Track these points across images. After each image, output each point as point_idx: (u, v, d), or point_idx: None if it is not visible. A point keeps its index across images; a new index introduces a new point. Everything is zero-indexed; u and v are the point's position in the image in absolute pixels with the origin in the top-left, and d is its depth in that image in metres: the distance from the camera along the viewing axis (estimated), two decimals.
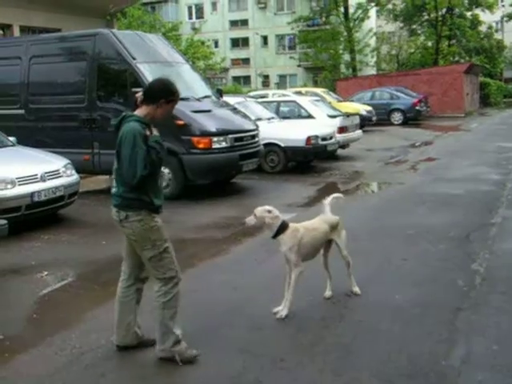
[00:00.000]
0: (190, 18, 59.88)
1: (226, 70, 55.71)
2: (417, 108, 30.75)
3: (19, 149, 10.41)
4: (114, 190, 4.65)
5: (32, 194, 8.96)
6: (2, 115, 12.59)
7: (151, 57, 12.26)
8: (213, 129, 11.33)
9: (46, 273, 7.12)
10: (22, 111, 12.78)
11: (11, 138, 10.62)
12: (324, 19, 48.68)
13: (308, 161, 15.41)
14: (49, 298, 6.43)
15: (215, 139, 11.22)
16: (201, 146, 11.07)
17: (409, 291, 6.01)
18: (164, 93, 4.61)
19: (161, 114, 4.62)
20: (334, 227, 5.96)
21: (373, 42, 49.15)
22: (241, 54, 59.55)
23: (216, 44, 57.74)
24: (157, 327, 4.66)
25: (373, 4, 47.40)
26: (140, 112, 4.57)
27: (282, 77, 56.64)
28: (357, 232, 8.59)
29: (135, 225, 4.55)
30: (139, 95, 4.66)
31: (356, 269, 6.73)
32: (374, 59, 50.52)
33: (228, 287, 6.32)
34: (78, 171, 10.54)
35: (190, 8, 60.15)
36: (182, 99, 11.50)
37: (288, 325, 5.27)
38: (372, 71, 50.23)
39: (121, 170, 4.49)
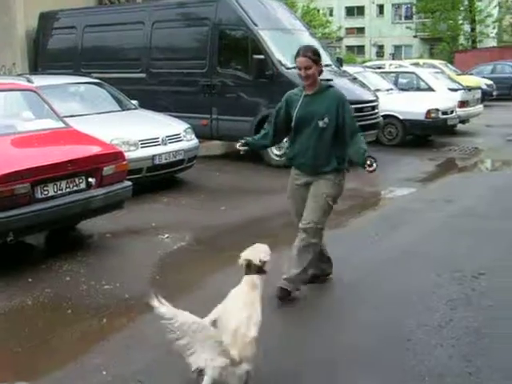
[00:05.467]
0: None
1: (340, 39, 54.93)
2: None
3: (141, 112, 10.61)
4: None
5: (153, 157, 9.14)
6: (125, 79, 12.88)
7: (272, 23, 12.16)
8: None
9: (166, 235, 7.23)
10: (143, 75, 13.04)
11: (133, 101, 10.85)
12: None
13: (427, 135, 14.93)
14: (169, 260, 6.54)
15: None
16: None
17: None
18: None
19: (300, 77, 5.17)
20: None
21: (495, 12, 46.89)
22: (355, 22, 58.43)
23: (331, 12, 56.94)
24: None
25: None
26: None
27: (397, 47, 55.19)
28: (480, 211, 8.29)
29: None
30: None
31: (481, 249, 6.50)
32: (496, 30, 48.23)
33: (347, 260, 6.16)
34: (195, 136, 10.67)
35: None
36: None
37: (414, 304, 5.09)
38: (493, 43, 48.01)
39: None
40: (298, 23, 13.42)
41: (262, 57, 11.10)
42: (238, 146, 5.41)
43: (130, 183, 7.08)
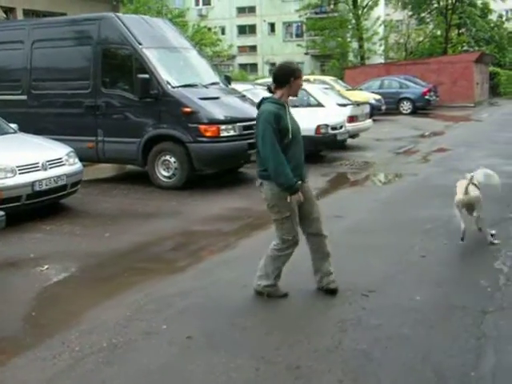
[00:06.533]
0: (197, 4, 59.28)
1: (232, 57, 55.25)
2: (426, 97, 30.29)
3: (20, 136, 10.07)
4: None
5: (33, 183, 8.62)
6: (4, 101, 12.25)
7: (157, 42, 11.87)
8: (221, 116, 10.94)
9: (46, 267, 6.77)
10: (24, 97, 12.41)
11: (12, 125, 10.29)
12: (332, 6, 48.14)
13: (317, 150, 15.01)
14: (48, 294, 6.09)
15: (223, 127, 10.84)
16: (208, 134, 10.69)
17: (430, 292, 5.63)
18: (290, 73, 5.35)
19: (294, 90, 5.40)
20: None
21: (381, 30, 48.55)
22: (248, 41, 58.95)
23: (223, 31, 57.21)
24: (260, 268, 5.59)
25: None
26: (276, 94, 5.34)
27: None
28: (370, 226, 8.29)
29: (266, 191, 5.35)
30: (271, 84, 5.45)
31: (371, 266, 6.45)
32: (382, 48, 49.92)
33: (237, 285, 5.94)
34: (81, 159, 10.22)
35: None
36: (190, 86, 11.39)
37: (303, 328, 4.91)
38: (380, 60, 49.64)
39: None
40: (185, 42, 13.18)
41: (146, 76, 10.78)
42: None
43: (2, 213, 6.57)
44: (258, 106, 5.43)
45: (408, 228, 8.07)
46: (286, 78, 5.32)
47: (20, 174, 8.57)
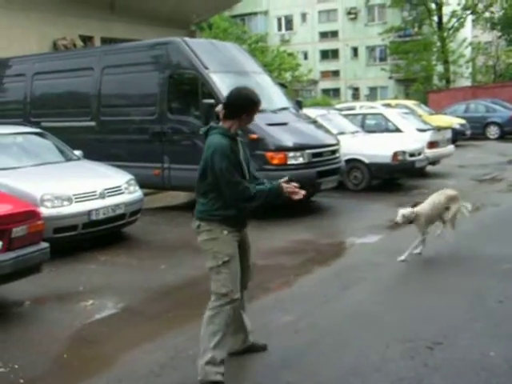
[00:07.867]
0: (280, 29, 59.42)
1: (315, 82, 54.86)
2: None
3: (83, 163, 9.90)
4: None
5: (89, 212, 8.38)
6: (74, 127, 12.27)
7: (225, 66, 11.54)
8: (289, 143, 10.48)
9: (91, 302, 6.44)
10: (93, 123, 12.36)
11: (77, 152, 10.15)
12: (416, 29, 47.10)
13: (394, 178, 14.30)
14: (86, 332, 5.71)
15: (291, 154, 10.37)
16: (275, 161, 10.23)
17: (507, 347, 4.87)
18: (245, 107, 4.41)
19: (245, 123, 4.55)
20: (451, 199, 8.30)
21: (468, 52, 47.06)
22: (330, 65, 58.48)
23: (305, 56, 57.03)
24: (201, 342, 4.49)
25: (468, 12, 45.30)
26: (225, 124, 4.44)
27: (373, 89, 55.15)
28: (441, 263, 7.61)
29: (203, 234, 4.52)
30: (219, 109, 4.49)
31: (439, 311, 5.76)
32: (469, 70, 48.34)
33: (288, 330, 5.39)
34: (147, 186, 9.94)
35: (279, 20, 59.58)
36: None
37: None
38: (467, 83, 48.05)
39: (202, 181, 4.62)
40: (255, 65, 12.81)
41: (211, 101, 10.41)
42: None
43: (47, 245, 6.28)
44: (206, 135, 4.52)
45: (485, 267, 7.30)
46: (237, 111, 4.39)
47: (76, 202, 8.36)
